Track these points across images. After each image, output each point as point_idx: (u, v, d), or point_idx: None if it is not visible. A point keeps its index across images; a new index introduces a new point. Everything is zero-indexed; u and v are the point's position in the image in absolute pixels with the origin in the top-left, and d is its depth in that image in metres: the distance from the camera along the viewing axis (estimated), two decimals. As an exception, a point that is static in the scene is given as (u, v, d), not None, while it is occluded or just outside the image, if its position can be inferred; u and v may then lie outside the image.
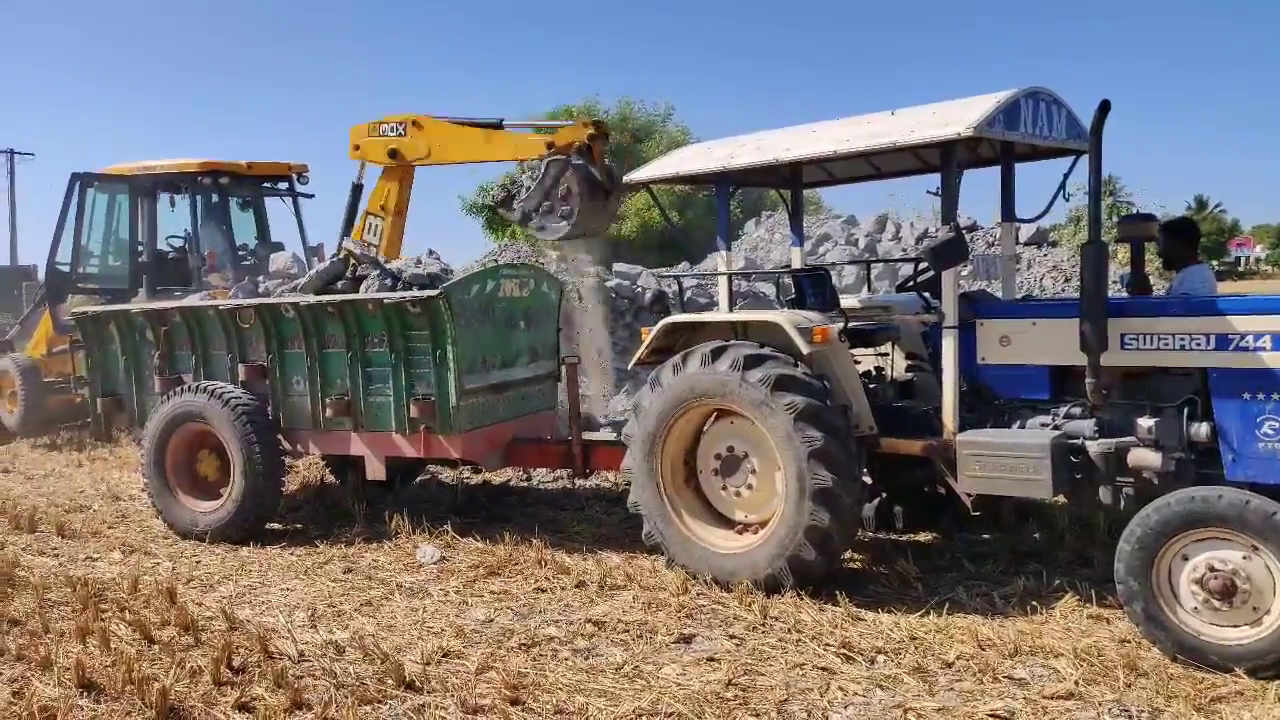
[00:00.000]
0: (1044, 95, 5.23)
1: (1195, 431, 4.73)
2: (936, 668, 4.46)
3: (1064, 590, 5.24)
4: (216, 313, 7.23)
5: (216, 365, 7.39)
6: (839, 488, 5.09)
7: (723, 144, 5.96)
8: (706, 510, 5.77)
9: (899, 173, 6.53)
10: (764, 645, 4.76)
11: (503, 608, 5.47)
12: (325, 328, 6.88)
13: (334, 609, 5.55)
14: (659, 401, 5.63)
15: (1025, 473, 4.85)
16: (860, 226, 18.38)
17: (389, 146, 9.52)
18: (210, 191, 12.56)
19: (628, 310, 12.37)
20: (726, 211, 6.13)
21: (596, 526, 7.11)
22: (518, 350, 7.16)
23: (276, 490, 7.19)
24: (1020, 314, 5.30)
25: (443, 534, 6.80)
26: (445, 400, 6.53)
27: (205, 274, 11.88)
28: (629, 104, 34.47)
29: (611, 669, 4.56)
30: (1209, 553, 4.28)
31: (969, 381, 5.38)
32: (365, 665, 4.65)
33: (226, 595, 5.89)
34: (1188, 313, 4.76)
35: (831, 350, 5.37)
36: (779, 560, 5.25)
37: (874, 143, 5.08)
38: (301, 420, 7.11)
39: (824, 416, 5.13)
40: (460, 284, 6.62)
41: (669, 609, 5.27)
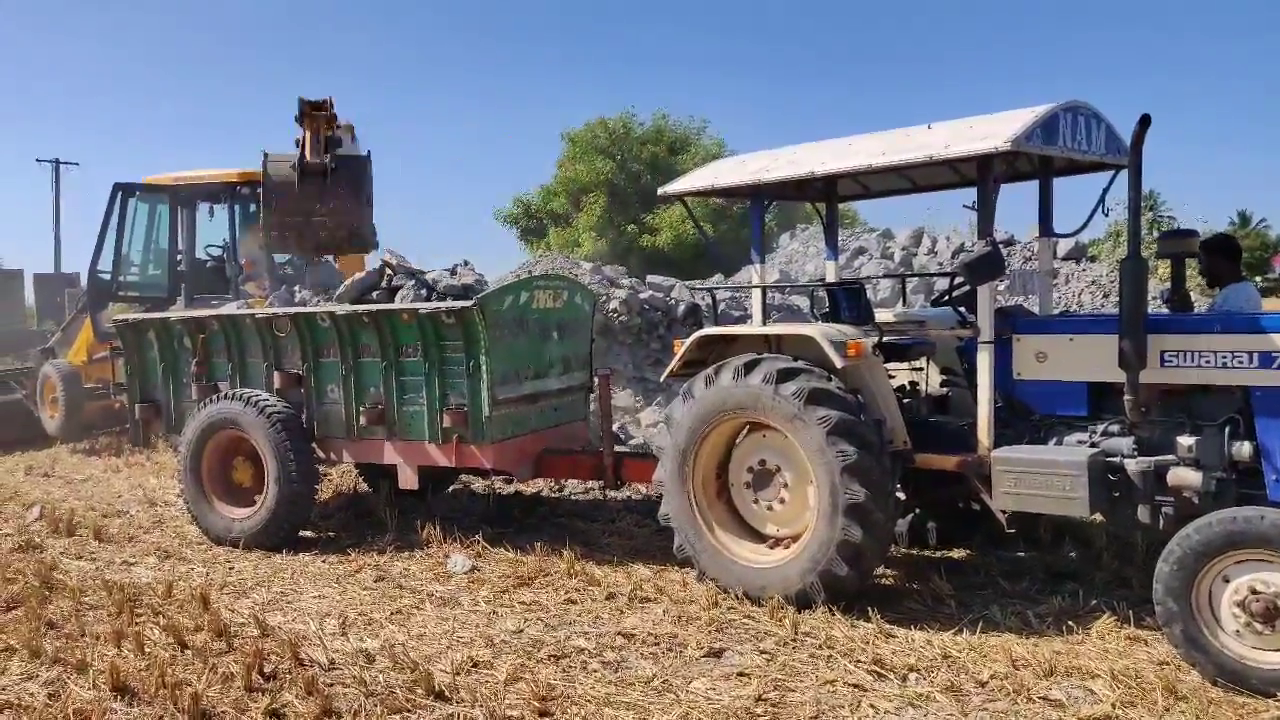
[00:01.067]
0: (1083, 109, 5.17)
1: (1237, 451, 4.65)
2: (970, 687, 4.40)
3: (1101, 610, 5.15)
4: (253, 321, 7.32)
5: (252, 373, 7.47)
6: (872, 503, 5.05)
7: (757, 157, 5.96)
8: (738, 524, 5.74)
9: (935, 186, 6.50)
10: (794, 661, 4.73)
11: (533, 618, 5.48)
12: (360, 337, 6.94)
13: (365, 617, 5.58)
14: (691, 414, 5.61)
15: (1061, 490, 4.79)
16: (896, 240, 18.26)
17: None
18: (249, 201, 12.70)
19: (661, 322, 12.35)
20: (761, 224, 6.11)
21: (627, 539, 7.09)
22: (550, 361, 7.18)
23: (310, 498, 7.26)
24: (1057, 329, 5.24)
25: (474, 544, 6.82)
26: (478, 410, 6.55)
27: (242, 283, 12.03)
28: (664, 116, 34.61)
29: (641, 682, 4.54)
30: (1251, 574, 4.20)
31: (1005, 397, 5.32)
32: (395, 674, 4.66)
33: (259, 602, 5.95)
34: (1230, 330, 4.68)
35: (865, 364, 5.33)
36: (810, 575, 5.21)
37: (910, 156, 5.05)
38: (335, 428, 7.17)
39: (857, 431, 5.10)
40: (494, 295, 6.66)
41: (699, 623, 5.25)
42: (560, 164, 34.45)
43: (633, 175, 31.63)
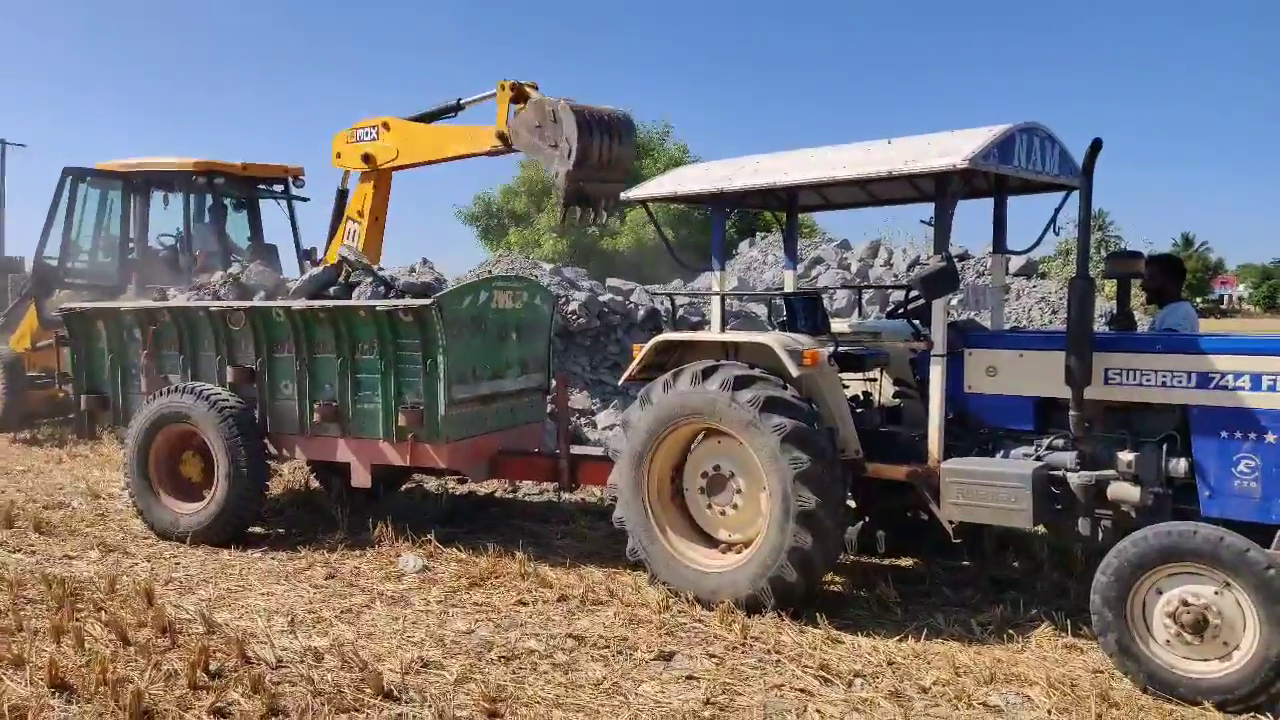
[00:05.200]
0: (1038, 131, 5.30)
1: (1174, 467, 4.79)
2: (913, 692, 4.49)
3: (1041, 619, 5.27)
4: (207, 314, 7.22)
5: (204, 367, 7.37)
6: (823, 510, 5.12)
7: (721, 165, 6.01)
8: (691, 528, 5.78)
9: (894, 200, 6.61)
10: (743, 665, 4.78)
11: (484, 619, 5.47)
12: (316, 333, 6.88)
13: (314, 615, 5.54)
14: (648, 418, 5.65)
15: (1007, 502, 4.89)
16: (853, 251, 18.47)
17: (362, 151, 9.47)
18: (204, 191, 12.53)
19: (619, 325, 12.39)
20: (722, 232, 6.17)
21: (580, 541, 7.11)
22: (508, 362, 7.18)
23: (260, 494, 7.18)
24: (1008, 344, 5.36)
25: (426, 543, 6.79)
26: (434, 409, 6.53)
27: (196, 274, 11.85)
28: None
29: (591, 684, 4.57)
30: (1182, 587, 4.33)
31: (955, 409, 5.42)
32: (343, 673, 4.64)
33: (205, 598, 5.87)
34: (1170, 350, 4.82)
35: (821, 374, 5.41)
36: (761, 580, 5.27)
37: (871, 170, 5.14)
38: (288, 425, 7.10)
39: (810, 439, 5.17)
40: (453, 294, 6.65)
41: (650, 626, 5.29)
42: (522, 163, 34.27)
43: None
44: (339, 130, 9.79)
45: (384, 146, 9.39)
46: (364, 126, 9.66)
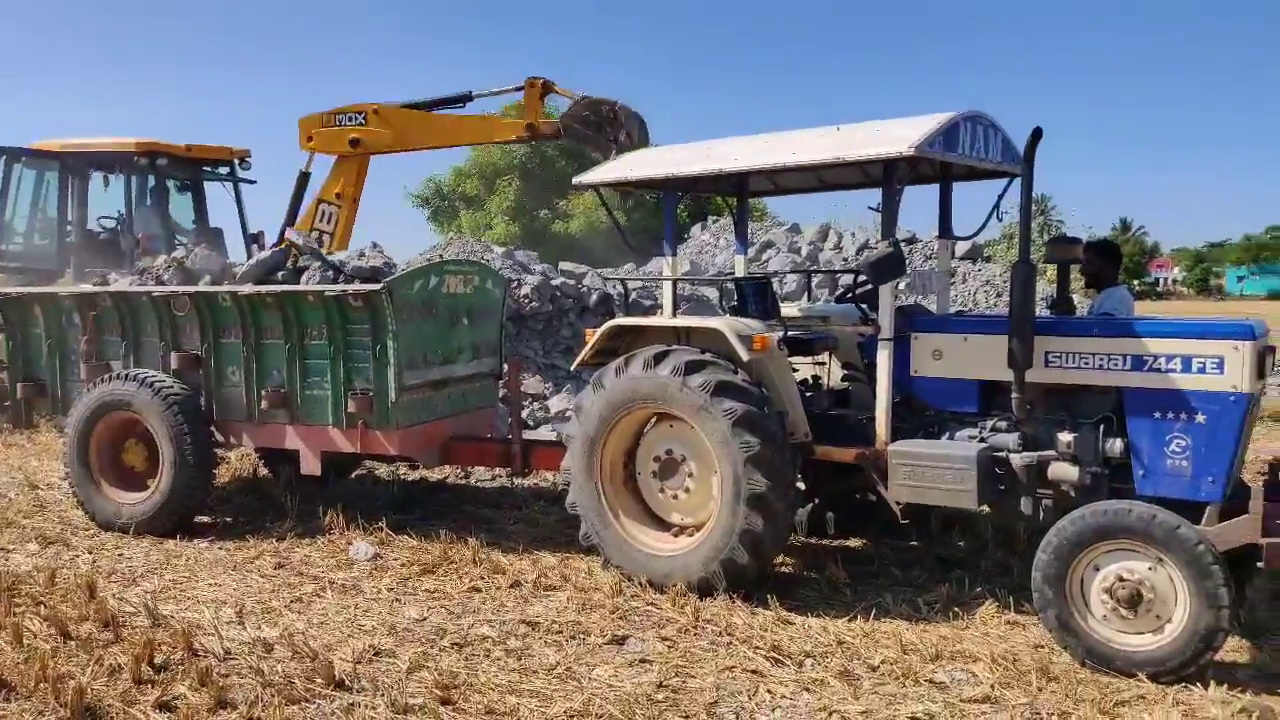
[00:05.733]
0: (982, 119, 5.38)
1: (1110, 447, 4.91)
2: (862, 671, 4.57)
3: (985, 597, 5.40)
4: (150, 299, 7.08)
5: (148, 353, 7.23)
6: (773, 493, 5.18)
7: (672, 150, 6.02)
8: (644, 512, 5.82)
9: (843, 186, 6.67)
10: (695, 648, 4.83)
11: (436, 606, 5.46)
12: (263, 318, 6.78)
13: (263, 605, 5.49)
14: (600, 403, 5.66)
15: (952, 483, 4.98)
16: (803, 235, 18.58)
17: (350, 136, 9.58)
18: (146, 173, 12.25)
19: (572, 310, 12.37)
20: (673, 217, 6.19)
21: (533, 527, 7.12)
22: (459, 347, 7.14)
23: (207, 482, 7.07)
24: (952, 329, 5.44)
25: (377, 531, 6.75)
26: (384, 395, 6.48)
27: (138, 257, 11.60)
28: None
29: (544, 670, 4.58)
30: (1118, 563, 4.47)
31: (902, 392, 5.50)
32: (294, 663, 4.61)
33: (150, 590, 5.77)
34: (1106, 334, 4.94)
35: (771, 358, 5.46)
36: (713, 563, 5.33)
37: (819, 157, 5.18)
38: (235, 411, 7.00)
39: (761, 423, 5.22)
40: (403, 278, 6.58)
41: (603, 610, 5.32)
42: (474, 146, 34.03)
43: (548, 159, 31.43)
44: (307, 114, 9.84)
45: (375, 132, 9.51)
46: (345, 112, 9.84)
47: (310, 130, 9.93)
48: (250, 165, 12.92)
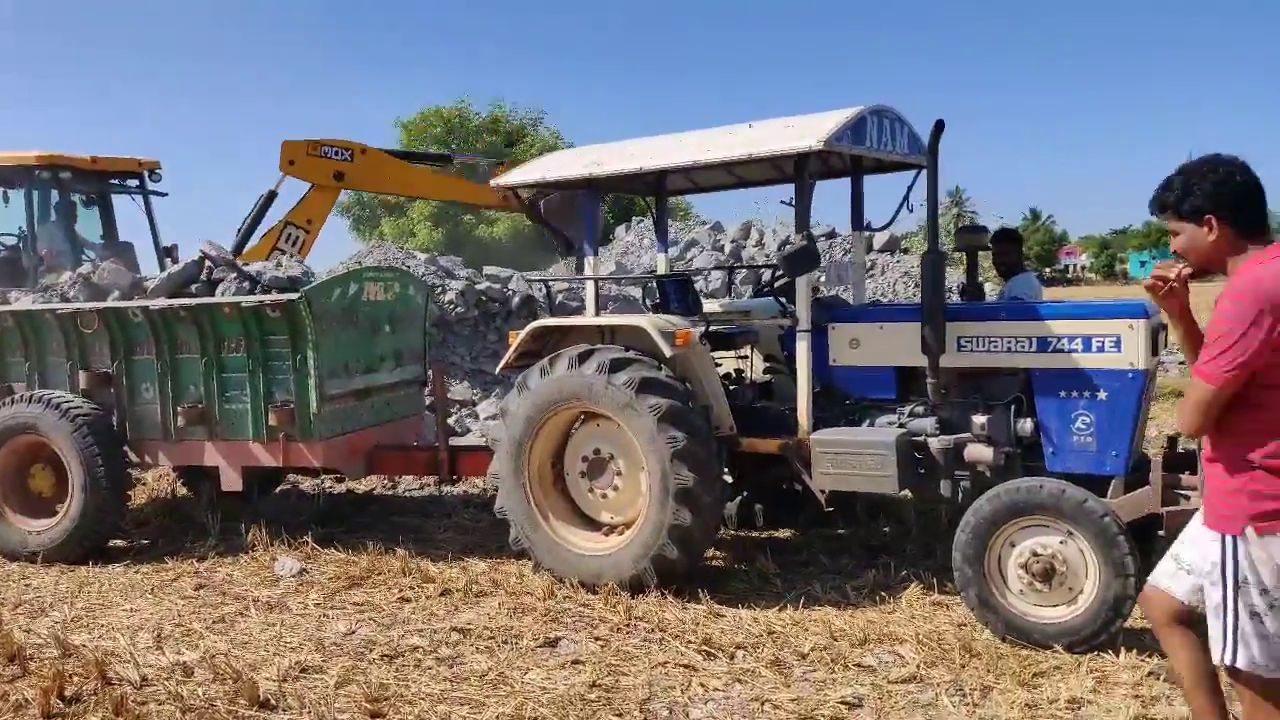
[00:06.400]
0: (888, 113, 5.50)
1: (1021, 427, 5.06)
2: (792, 659, 4.63)
3: (910, 580, 5.51)
4: (55, 317, 6.85)
5: (54, 373, 7.00)
6: (700, 487, 5.22)
7: (590, 150, 6.04)
8: (573, 513, 5.82)
9: (758, 182, 6.74)
10: (628, 646, 4.84)
11: (365, 619, 5.39)
12: (177, 332, 6.61)
13: (183, 628, 5.33)
14: (526, 404, 5.65)
15: (873, 469, 5.08)
16: (726, 233, 18.77)
17: (334, 169, 10.00)
18: (49, 187, 11.81)
19: (498, 314, 12.30)
20: (593, 217, 6.20)
21: (464, 533, 7.06)
22: (382, 355, 7.05)
23: (121, 505, 6.86)
24: (868, 318, 5.56)
25: (303, 545, 6.62)
26: (305, 407, 6.37)
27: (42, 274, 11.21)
28: (501, 107, 34.34)
29: (476, 676, 4.55)
30: (1033, 539, 4.61)
31: (822, 382, 5.59)
32: (216, 686, 4.48)
33: (60, 620, 5.54)
34: (1013, 317, 5.10)
35: (693, 353, 5.50)
36: (643, 560, 5.35)
37: (732, 154, 5.24)
38: (150, 430, 6.81)
39: (686, 418, 5.25)
40: (321, 287, 6.48)
41: (535, 614, 5.30)
42: (393, 152, 33.71)
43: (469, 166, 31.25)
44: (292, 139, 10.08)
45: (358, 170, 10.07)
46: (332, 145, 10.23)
47: (294, 155, 10.21)
48: (160, 177, 12.53)
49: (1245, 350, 2.65)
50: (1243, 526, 2.76)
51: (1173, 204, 2.88)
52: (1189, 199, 2.83)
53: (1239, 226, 2.79)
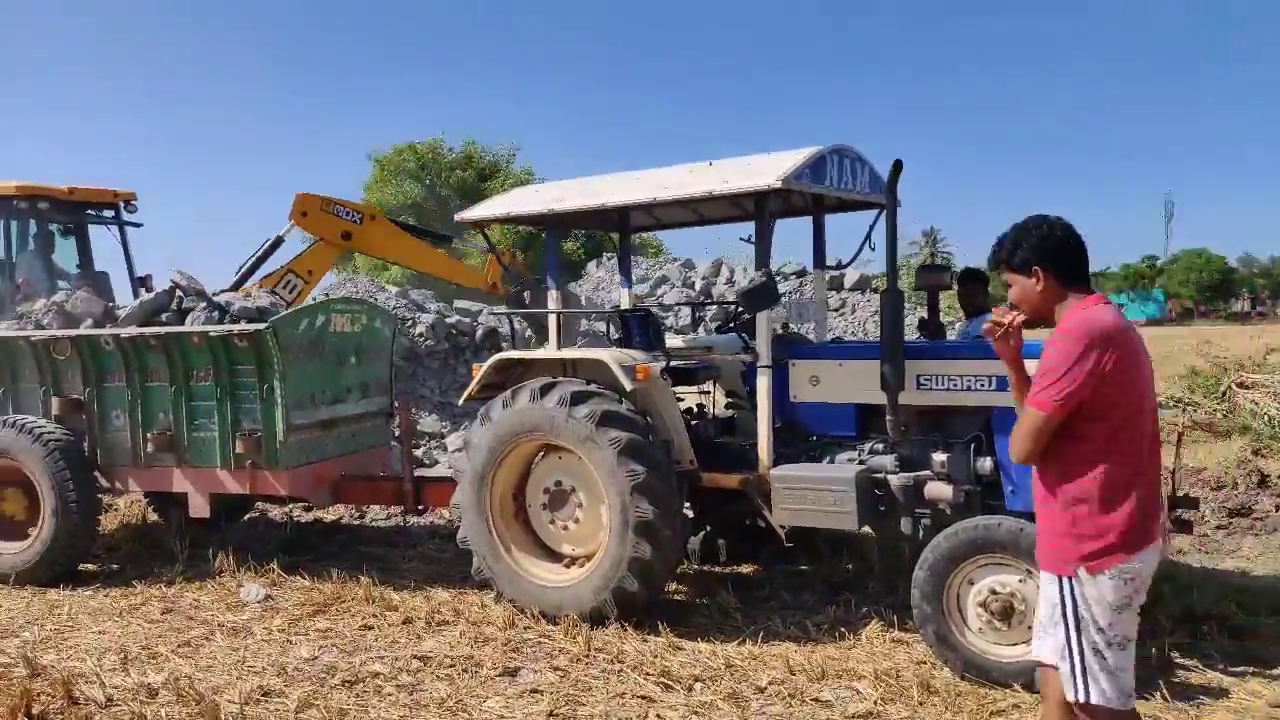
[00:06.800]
0: (848, 152, 5.64)
1: (980, 465, 5.11)
2: (750, 693, 4.67)
3: (871, 617, 5.55)
4: (29, 344, 6.89)
5: (27, 399, 7.04)
6: (660, 520, 5.29)
7: (552, 187, 6.17)
8: (535, 544, 5.87)
9: (721, 220, 6.87)
10: (587, 676, 4.89)
11: (328, 645, 5.42)
12: (148, 360, 6.68)
13: (148, 651, 5.36)
14: (489, 436, 5.72)
15: (832, 505, 5.14)
16: (698, 270, 18.96)
17: (343, 229, 10.59)
18: (27, 217, 11.85)
19: (468, 347, 12.38)
20: (555, 252, 6.31)
21: (428, 564, 7.10)
22: (348, 386, 7.12)
23: (91, 530, 6.90)
24: (828, 355, 5.66)
25: (269, 572, 6.66)
26: (272, 435, 6.43)
27: (18, 302, 11.21)
28: (474, 144, 34.62)
29: (435, 703, 4.59)
30: (992, 577, 4.63)
31: (783, 418, 5.68)
32: (178, 707, 4.52)
33: (29, 640, 5.60)
34: (973, 356, 5.18)
35: (654, 387, 5.59)
36: (604, 592, 5.40)
37: (690, 191, 5.37)
38: (121, 456, 6.85)
39: (646, 451, 5.33)
40: (289, 318, 6.56)
41: (495, 643, 5.34)
42: (368, 187, 33.89)
43: (442, 200, 31.45)
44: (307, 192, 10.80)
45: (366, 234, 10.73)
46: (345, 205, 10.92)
47: (307, 208, 10.70)
48: (136, 208, 12.59)
49: (1074, 381, 2.87)
50: (1075, 568, 2.92)
51: (1005, 258, 3.15)
52: (1018, 253, 3.10)
53: (1062, 277, 3.05)
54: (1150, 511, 2.93)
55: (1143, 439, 2.94)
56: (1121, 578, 2.89)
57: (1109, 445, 2.91)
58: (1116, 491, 2.90)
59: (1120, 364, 2.87)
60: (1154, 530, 2.94)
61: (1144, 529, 2.90)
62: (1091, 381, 2.87)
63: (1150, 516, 2.93)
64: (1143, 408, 2.94)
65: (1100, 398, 2.88)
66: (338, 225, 10.83)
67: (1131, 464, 2.92)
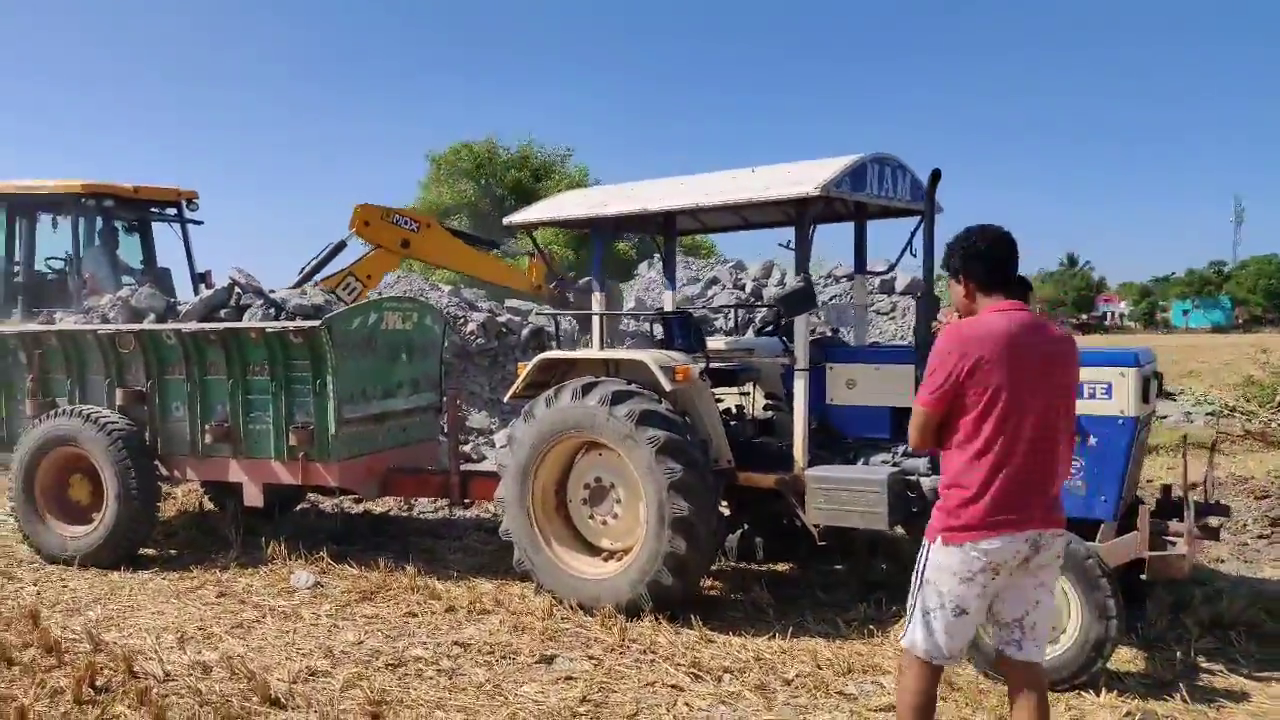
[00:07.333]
0: (889, 161, 5.74)
1: None
2: (777, 685, 4.79)
3: (901, 615, 5.61)
4: (95, 337, 7.22)
5: (93, 390, 7.37)
6: (696, 517, 5.42)
7: (598, 192, 6.33)
8: (574, 538, 6.03)
9: (765, 224, 7.00)
10: (620, 665, 5.04)
11: (373, 630, 5.63)
12: (207, 354, 6.96)
13: (204, 631, 5.63)
14: (532, 433, 5.90)
15: (864, 505, 5.26)
16: (748, 271, 19.04)
17: (402, 237, 11.15)
18: (94, 214, 12.33)
19: (518, 345, 12.61)
20: (600, 255, 6.48)
21: (472, 555, 7.30)
22: (399, 381, 7.35)
23: (151, 516, 7.19)
24: (864, 359, 5.76)
25: (318, 560, 6.90)
26: (324, 429, 6.68)
27: (86, 297, 11.67)
28: (530, 143, 34.95)
29: (473, 687, 4.77)
30: None
31: (819, 420, 5.79)
32: (231, 684, 4.76)
33: (93, 619, 5.89)
34: None
35: (693, 388, 5.73)
36: (639, 585, 5.55)
37: (732, 198, 5.51)
38: (180, 446, 7.15)
39: (683, 450, 5.47)
40: (343, 315, 6.80)
41: (533, 632, 5.52)
42: (424, 185, 34.34)
43: (497, 199, 31.80)
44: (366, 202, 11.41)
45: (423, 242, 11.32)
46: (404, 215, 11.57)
47: (368, 218, 11.29)
48: (198, 206, 13.04)
49: (943, 380, 3.22)
50: (936, 536, 3.31)
51: (945, 265, 3.51)
52: (950, 260, 3.42)
53: (979, 283, 3.34)
54: (1015, 503, 3.19)
55: (1017, 436, 3.18)
56: (971, 554, 3.21)
57: (975, 438, 3.21)
58: (979, 480, 3.20)
59: (985, 366, 3.16)
60: (1021, 520, 3.20)
61: (1005, 517, 3.19)
62: (955, 380, 3.20)
63: (1014, 507, 3.19)
64: (1021, 407, 3.18)
65: (966, 395, 3.20)
66: (397, 234, 11.34)
67: (998, 457, 3.19)
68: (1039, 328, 3.27)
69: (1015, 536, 3.20)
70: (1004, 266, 3.36)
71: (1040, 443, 3.22)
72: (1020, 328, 3.23)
